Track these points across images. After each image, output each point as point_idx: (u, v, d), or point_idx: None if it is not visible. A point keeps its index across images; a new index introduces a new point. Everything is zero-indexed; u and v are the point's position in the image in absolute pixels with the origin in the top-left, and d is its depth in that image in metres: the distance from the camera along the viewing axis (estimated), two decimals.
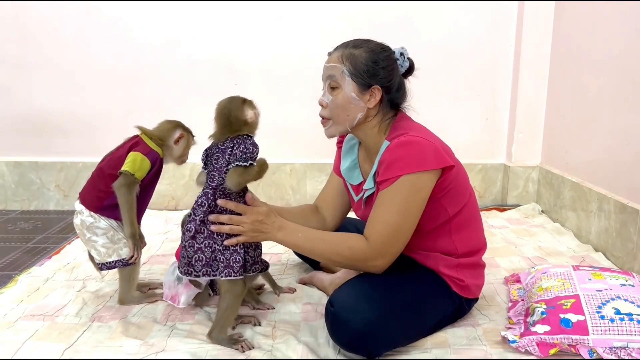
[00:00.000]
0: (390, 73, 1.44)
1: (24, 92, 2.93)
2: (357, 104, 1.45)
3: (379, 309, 1.35)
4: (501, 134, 3.02)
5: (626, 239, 2.01)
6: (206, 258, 1.43)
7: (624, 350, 1.34)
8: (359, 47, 1.44)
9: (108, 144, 1.71)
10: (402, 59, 1.46)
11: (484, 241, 1.60)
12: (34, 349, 1.45)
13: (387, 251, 1.39)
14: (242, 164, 1.40)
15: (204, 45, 2.88)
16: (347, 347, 1.37)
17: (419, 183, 1.35)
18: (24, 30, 2.86)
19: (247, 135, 1.44)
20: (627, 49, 2.07)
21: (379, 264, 1.40)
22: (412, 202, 1.36)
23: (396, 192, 1.35)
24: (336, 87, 1.45)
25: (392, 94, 1.46)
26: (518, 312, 1.62)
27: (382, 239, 1.37)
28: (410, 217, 1.38)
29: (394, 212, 1.36)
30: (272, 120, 2.74)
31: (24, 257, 2.24)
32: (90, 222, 1.64)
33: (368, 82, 1.42)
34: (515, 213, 2.80)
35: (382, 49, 1.45)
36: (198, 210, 1.44)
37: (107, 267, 1.67)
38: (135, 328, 1.57)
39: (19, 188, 3.02)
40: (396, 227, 1.37)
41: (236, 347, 1.44)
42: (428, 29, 2.85)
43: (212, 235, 1.43)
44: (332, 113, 1.48)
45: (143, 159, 1.61)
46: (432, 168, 1.35)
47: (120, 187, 1.59)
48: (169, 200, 3.01)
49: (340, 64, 1.44)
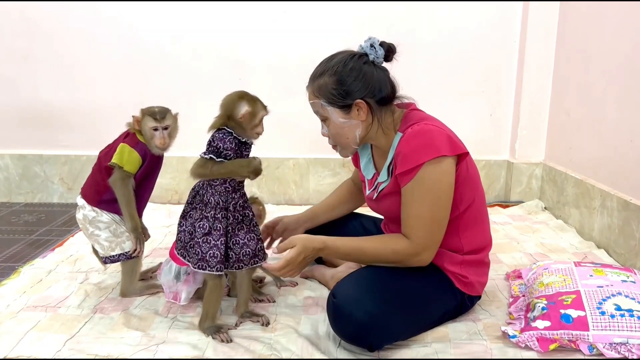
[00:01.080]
0: (362, 80, 1.41)
1: (29, 85, 2.94)
2: (350, 125, 1.45)
3: (381, 302, 1.36)
4: (505, 130, 3.01)
5: (629, 236, 2.00)
6: (184, 241, 1.49)
7: (624, 346, 1.34)
8: (324, 74, 1.43)
9: (112, 137, 1.72)
10: (373, 51, 1.43)
11: (489, 239, 1.60)
12: (37, 339, 1.46)
13: (428, 244, 1.40)
14: (203, 155, 1.42)
15: (208, 39, 2.88)
16: (349, 339, 1.38)
17: (439, 170, 1.35)
18: (30, 24, 2.87)
19: (226, 129, 1.43)
20: (632, 46, 2.06)
21: (424, 257, 1.41)
22: (439, 190, 1.37)
23: (420, 184, 1.36)
24: (325, 118, 1.48)
25: (377, 95, 1.43)
26: (519, 308, 1.62)
27: (420, 233, 1.38)
28: (442, 205, 1.39)
29: (424, 205, 1.37)
30: (275, 115, 2.73)
31: (27, 249, 2.25)
32: (92, 216, 1.65)
33: (346, 103, 1.42)
34: (519, 209, 2.79)
35: (345, 63, 1.42)
36: (190, 193, 1.51)
37: (111, 261, 1.68)
38: (136, 320, 1.58)
39: (23, 181, 3.03)
40: (431, 219, 1.38)
41: (215, 336, 1.46)
42: (433, 26, 2.84)
43: (194, 224, 1.46)
44: (335, 141, 1.53)
45: (131, 151, 1.61)
46: (448, 154, 1.35)
47: (115, 181, 1.60)
48: (172, 194, 3.02)
49: (316, 99, 1.46)
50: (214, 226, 1.44)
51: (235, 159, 1.43)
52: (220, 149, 1.41)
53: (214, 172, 1.41)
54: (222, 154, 1.41)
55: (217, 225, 1.44)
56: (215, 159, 1.40)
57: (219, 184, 1.45)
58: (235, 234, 1.48)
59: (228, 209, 1.47)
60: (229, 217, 1.47)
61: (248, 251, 1.49)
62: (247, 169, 1.43)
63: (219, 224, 1.45)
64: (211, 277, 1.47)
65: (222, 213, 1.45)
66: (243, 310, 1.58)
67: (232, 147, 1.42)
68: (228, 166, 1.42)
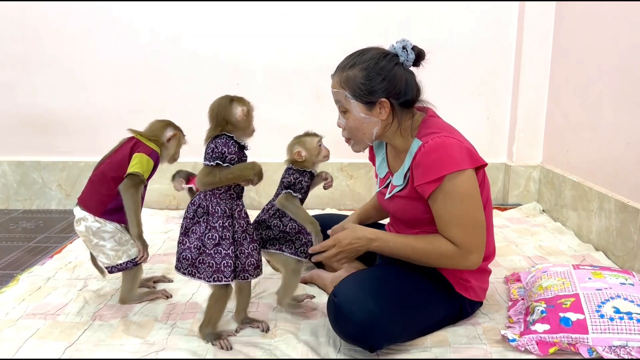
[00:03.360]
0: (391, 81, 1.41)
1: (27, 91, 2.94)
2: (369, 121, 1.46)
3: (383, 302, 1.36)
4: (502, 133, 3.02)
5: (627, 238, 2.01)
6: (192, 258, 1.44)
7: (623, 349, 1.34)
8: (354, 67, 1.43)
9: (110, 143, 1.71)
10: (404, 53, 1.43)
11: (493, 249, 1.61)
12: (36, 347, 1.46)
13: (474, 247, 1.40)
14: (208, 163, 1.40)
15: (207, 44, 2.89)
16: (349, 339, 1.38)
17: (463, 178, 1.36)
18: (27, 28, 2.87)
19: (226, 135, 1.43)
20: (628, 47, 2.06)
21: (473, 259, 1.42)
22: (470, 195, 1.38)
23: (450, 195, 1.36)
24: (345, 110, 1.47)
25: (402, 98, 1.44)
26: (518, 311, 1.62)
27: (465, 238, 1.39)
28: (477, 207, 1.40)
29: (460, 211, 1.38)
30: (273, 118, 2.74)
31: (26, 256, 2.24)
32: (97, 227, 1.64)
33: (372, 100, 1.42)
34: (517, 212, 2.80)
35: (377, 60, 1.42)
36: (190, 208, 1.47)
37: (117, 270, 1.67)
38: (136, 326, 1.58)
39: (21, 187, 3.03)
40: (471, 223, 1.39)
41: (215, 343, 1.46)
42: (430, 28, 2.85)
43: (202, 238, 1.44)
44: (350, 134, 1.52)
45: (148, 160, 1.62)
46: (468, 167, 1.37)
47: (128, 188, 1.60)
48: (170, 200, 3.01)
49: (341, 89, 1.45)
50: (222, 235, 1.43)
51: (239, 163, 1.43)
52: (226, 154, 1.40)
53: (221, 178, 1.40)
54: (227, 159, 1.40)
55: (225, 234, 1.44)
56: (221, 164, 1.40)
57: (224, 191, 1.45)
58: (241, 243, 1.47)
59: (233, 216, 1.46)
60: (235, 224, 1.46)
61: (252, 261, 1.49)
62: (252, 171, 1.42)
63: (227, 232, 1.44)
64: (220, 286, 1.46)
65: (228, 221, 1.45)
66: (243, 317, 1.57)
67: (236, 151, 1.42)
68: (234, 171, 1.41)
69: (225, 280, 1.43)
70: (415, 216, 1.48)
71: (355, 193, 3.02)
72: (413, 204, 1.46)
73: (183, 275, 1.46)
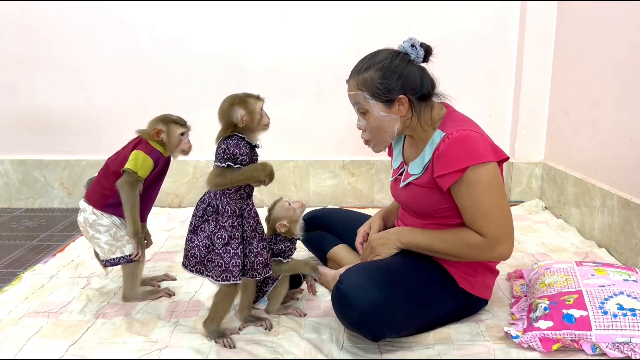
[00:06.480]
0: (406, 77, 1.45)
1: (28, 91, 2.94)
2: (390, 119, 1.48)
3: (387, 291, 1.37)
4: (504, 130, 3.01)
5: (630, 235, 2.00)
6: (200, 256, 1.44)
7: (626, 345, 1.34)
8: (369, 69, 1.46)
9: (112, 142, 1.72)
10: (414, 51, 1.47)
11: None
12: (39, 345, 1.46)
13: (501, 236, 1.41)
14: (219, 164, 1.40)
15: (207, 43, 2.89)
16: (353, 326, 1.39)
17: (486, 169, 1.39)
18: (28, 28, 2.87)
19: (237, 135, 1.43)
20: (630, 45, 2.06)
21: (501, 249, 1.42)
22: (495, 185, 1.40)
23: (474, 186, 1.38)
24: (365, 111, 1.50)
25: (418, 92, 1.47)
26: (521, 308, 1.62)
27: (491, 227, 1.40)
28: (501, 197, 1.42)
29: (485, 202, 1.39)
30: (275, 117, 2.73)
31: (29, 254, 2.25)
32: (93, 220, 1.66)
33: (390, 97, 1.45)
34: (519, 209, 2.79)
35: (391, 60, 1.46)
36: (199, 206, 1.46)
37: (111, 264, 1.69)
38: (139, 324, 1.58)
39: (24, 186, 3.03)
40: (497, 212, 1.40)
41: (218, 341, 1.46)
42: (432, 26, 2.84)
43: (211, 236, 1.44)
44: (372, 134, 1.54)
45: (145, 157, 1.62)
46: (492, 160, 1.39)
47: (123, 184, 1.60)
48: (172, 198, 3.01)
49: (359, 91, 1.48)
50: (232, 235, 1.43)
51: (251, 164, 1.43)
52: (237, 155, 1.40)
53: (232, 179, 1.40)
54: (238, 160, 1.40)
55: (234, 233, 1.44)
56: (233, 166, 1.40)
57: (234, 191, 1.45)
58: (250, 242, 1.47)
59: (243, 215, 1.46)
60: (244, 224, 1.46)
61: (261, 260, 1.49)
62: (263, 173, 1.43)
63: (236, 232, 1.44)
64: (227, 284, 1.46)
65: (238, 221, 1.45)
66: (246, 314, 1.58)
67: (247, 152, 1.42)
68: (246, 172, 1.41)
69: (234, 280, 1.43)
70: (428, 206, 1.50)
71: (357, 190, 3.02)
72: (429, 192, 1.47)
73: (190, 272, 1.46)
